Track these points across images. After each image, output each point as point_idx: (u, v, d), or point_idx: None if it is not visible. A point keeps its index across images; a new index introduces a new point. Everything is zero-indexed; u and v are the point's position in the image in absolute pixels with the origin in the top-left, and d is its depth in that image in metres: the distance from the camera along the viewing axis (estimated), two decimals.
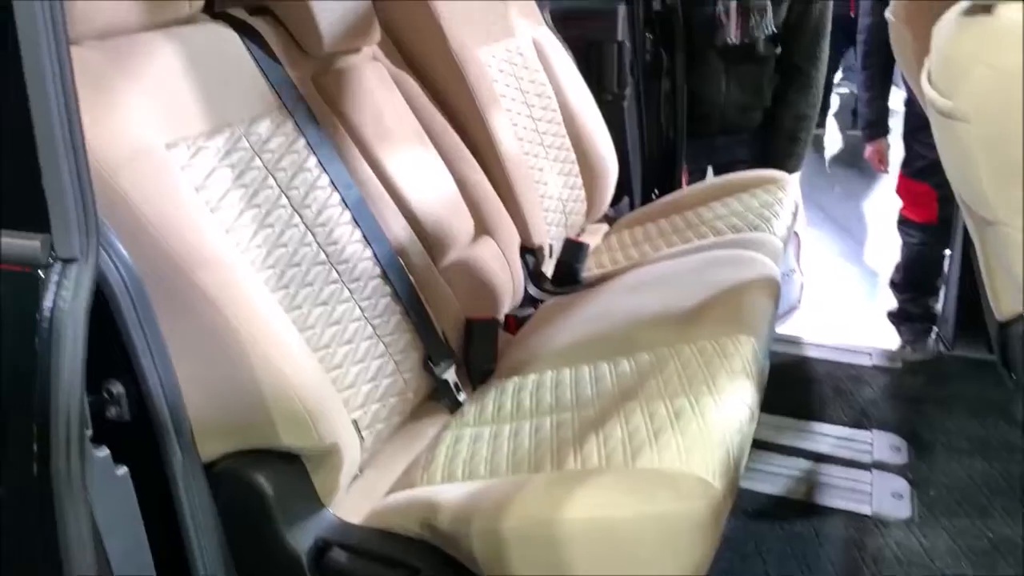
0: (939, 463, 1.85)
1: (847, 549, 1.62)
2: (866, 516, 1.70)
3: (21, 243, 0.76)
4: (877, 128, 2.81)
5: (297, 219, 1.37)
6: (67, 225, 0.76)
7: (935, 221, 2.51)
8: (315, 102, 1.53)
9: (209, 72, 1.32)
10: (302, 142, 1.44)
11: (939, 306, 2.61)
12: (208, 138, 1.27)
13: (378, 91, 1.67)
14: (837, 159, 5.59)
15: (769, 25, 2.46)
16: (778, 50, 2.55)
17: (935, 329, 2.58)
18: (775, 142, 2.62)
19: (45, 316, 0.74)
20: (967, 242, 2.10)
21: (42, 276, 0.75)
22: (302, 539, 1.16)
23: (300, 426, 1.14)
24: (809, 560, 1.59)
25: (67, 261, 0.77)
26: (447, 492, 1.17)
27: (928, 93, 0.98)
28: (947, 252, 2.52)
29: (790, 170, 2.54)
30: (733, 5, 2.42)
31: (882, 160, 2.85)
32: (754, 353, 1.39)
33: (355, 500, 1.26)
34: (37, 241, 0.75)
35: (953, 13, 0.99)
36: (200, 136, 1.26)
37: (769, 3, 2.45)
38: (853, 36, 5.39)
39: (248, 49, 1.43)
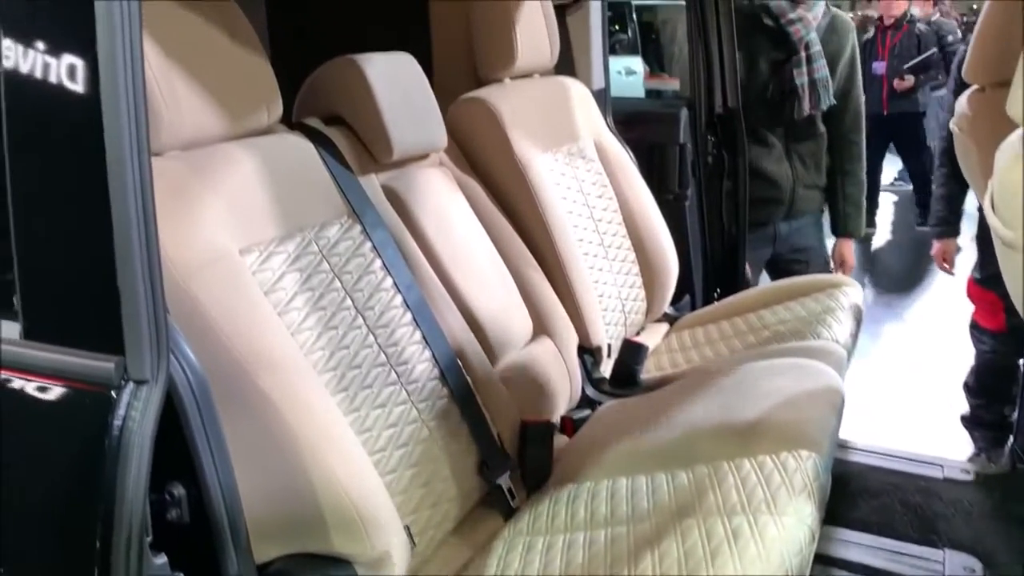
0: None
1: None
2: None
3: (96, 364, 0.80)
4: (948, 227, 2.76)
5: (360, 321, 1.40)
6: (140, 349, 0.79)
7: (1005, 329, 2.44)
8: (383, 206, 1.59)
9: (284, 180, 1.38)
10: (368, 245, 1.49)
11: (1015, 415, 2.51)
12: (280, 243, 1.32)
13: (443, 195, 1.72)
14: (895, 256, 5.52)
15: (831, 97, 2.49)
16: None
17: (1011, 439, 2.48)
18: (843, 211, 2.64)
19: (114, 435, 0.78)
20: None
21: (114, 396, 0.79)
22: None
23: (354, 533, 1.15)
24: None
25: (139, 382, 0.81)
26: None
27: (991, 220, 0.97)
28: (1021, 361, 2.43)
29: (860, 236, 2.64)
30: (806, 79, 2.44)
31: (947, 260, 2.79)
32: (816, 470, 1.35)
33: None
34: (111, 363, 0.79)
35: (1015, 137, 0.99)
36: (272, 242, 1.31)
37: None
38: (888, 134, 5.39)
39: (321, 156, 1.49)
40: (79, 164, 0.82)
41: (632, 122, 2.47)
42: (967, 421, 2.65)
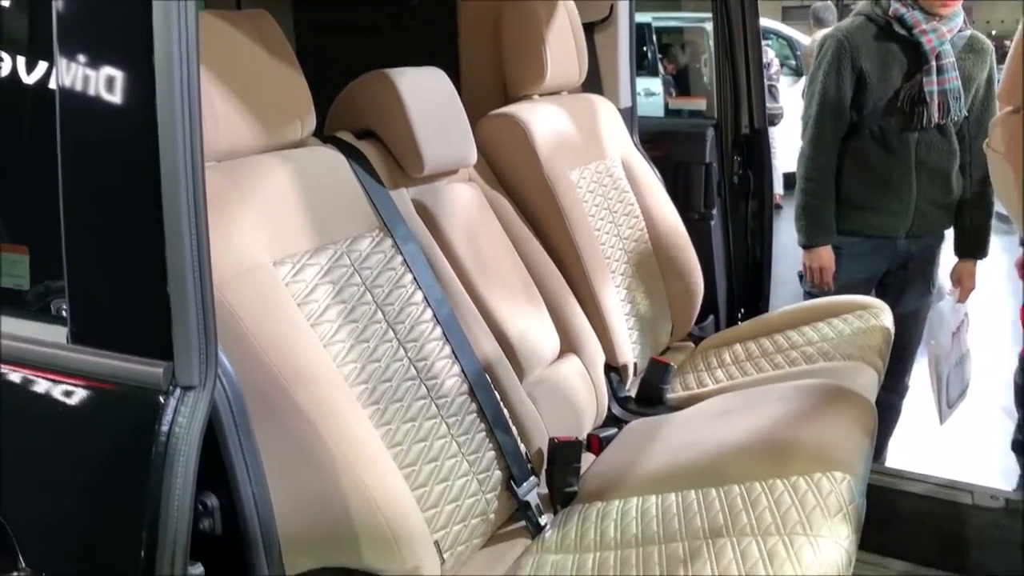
0: None
1: None
2: None
3: (146, 370, 0.80)
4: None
5: (391, 334, 1.40)
6: (189, 355, 0.79)
7: None
8: (413, 220, 1.59)
9: (317, 192, 1.39)
10: (399, 259, 1.49)
11: None
12: (312, 256, 1.33)
13: (473, 210, 1.72)
14: None
15: (962, 108, 2.44)
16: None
17: None
18: (969, 232, 2.57)
19: (161, 440, 0.77)
20: None
21: (162, 401, 0.79)
22: None
23: (384, 547, 1.14)
24: None
25: (186, 388, 0.80)
26: None
27: None
28: None
29: (984, 257, 2.58)
30: (935, 88, 2.39)
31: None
32: (850, 492, 1.33)
33: None
34: (161, 369, 0.79)
35: None
36: (305, 254, 1.31)
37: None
38: None
39: (353, 170, 1.50)
40: (132, 173, 0.82)
41: (658, 140, 2.47)
42: (1017, 447, 2.61)
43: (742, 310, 2.64)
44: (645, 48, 7.96)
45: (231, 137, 1.27)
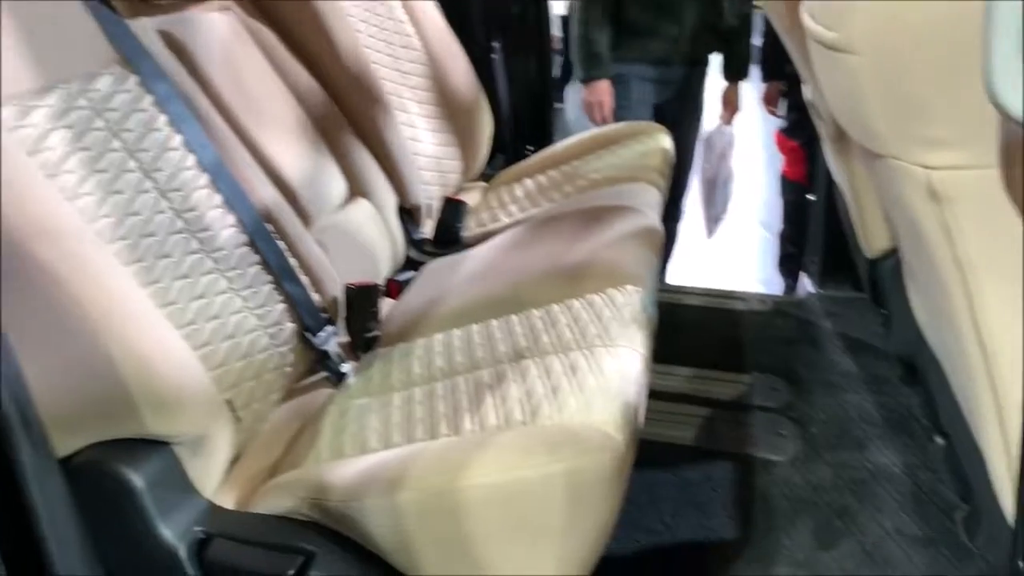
0: (816, 400, 1.92)
1: (737, 491, 1.64)
2: (753, 457, 1.74)
3: None
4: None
5: (149, 184, 1.24)
6: None
7: (807, 180, 2.60)
8: (162, 55, 1.39)
9: (37, 25, 1.17)
10: (149, 99, 1.30)
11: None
12: (39, 97, 1.13)
13: (233, 43, 1.54)
14: None
15: None
16: None
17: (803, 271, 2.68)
18: (734, 55, 2.68)
19: None
20: (830, 189, 2.17)
21: None
22: (179, 533, 1.06)
23: (168, 410, 1.04)
24: (703, 505, 1.61)
25: None
26: (337, 469, 1.09)
27: (810, 27, 0.96)
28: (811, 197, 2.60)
29: (746, 78, 2.71)
30: None
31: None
32: (642, 302, 1.38)
33: (236, 486, 1.16)
34: None
35: None
36: (29, 95, 1.11)
37: None
38: None
39: None
40: None
41: None
42: (783, 267, 2.84)
43: (530, 147, 2.63)
44: None
45: None
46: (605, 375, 1.14)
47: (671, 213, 2.75)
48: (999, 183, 0.75)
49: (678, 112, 2.66)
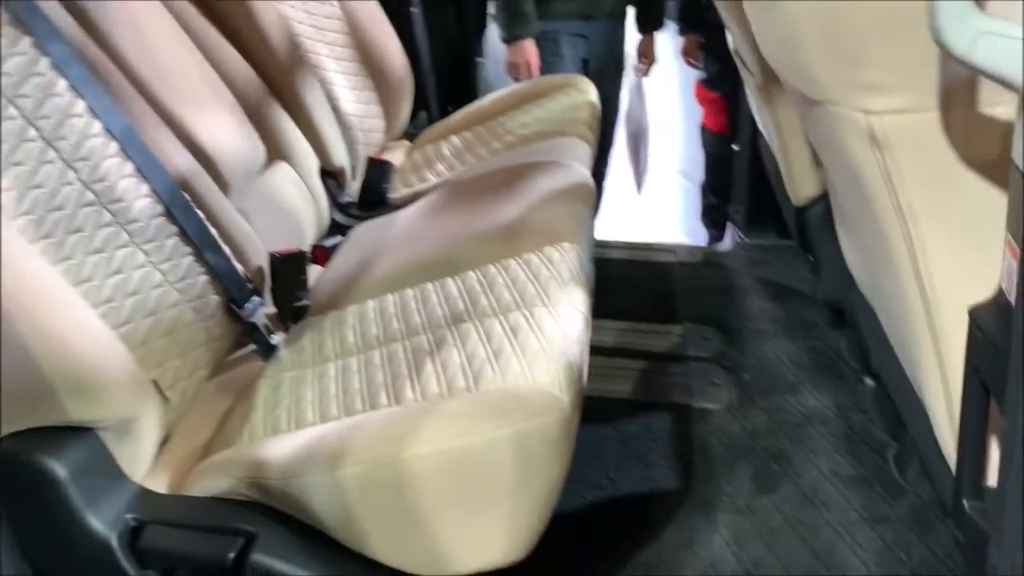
0: (748, 348, 1.94)
1: (676, 441, 1.66)
2: (689, 407, 1.76)
3: None
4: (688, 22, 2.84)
5: (52, 154, 1.16)
6: None
7: (727, 130, 2.61)
8: (58, 15, 1.29)
9: None
10: (46, 63, 1.21)
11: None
12: None
13: (137, 3, 1.44)
14: None
15: None
16: None
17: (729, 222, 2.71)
18: (649, 6, 2.68)
19: None
20: (754, 139, 2.19)
21: None
22: (109, 522, 1.00)
23: (88, 395, 0.97)
24: (644, 457, 1.62)
25: None
26: (274, 445, 1.05)
27: None
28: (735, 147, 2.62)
29: (661, 29, 2.73)
30: None
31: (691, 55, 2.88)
32: (579, 259, 1.36)
33: (167, 469, 1.11)
34: None
35: None
36: None
37: None
38: None
39: None
40: None
41: None
42: (706, 217, 2.87)
43: (450, 106, 2.57)
44: None
45: None
46: (547, 336, 1.12)
47: (598, 168, 2.74)
48: (940, 127, 0.75)
49: (601, 68, 2.64)
